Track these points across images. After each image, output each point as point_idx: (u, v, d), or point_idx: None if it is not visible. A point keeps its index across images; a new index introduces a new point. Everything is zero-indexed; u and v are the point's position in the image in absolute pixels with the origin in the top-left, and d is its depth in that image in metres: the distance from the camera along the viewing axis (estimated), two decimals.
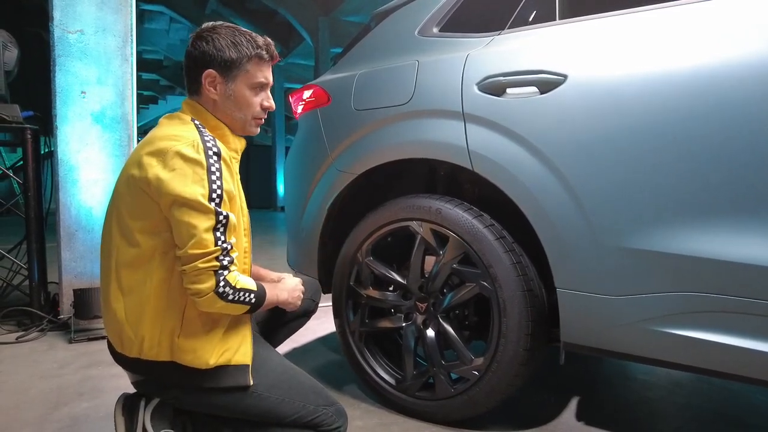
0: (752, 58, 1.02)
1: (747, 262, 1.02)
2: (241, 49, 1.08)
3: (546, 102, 1.25)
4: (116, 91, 2.52)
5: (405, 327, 1.54)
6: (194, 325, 1.03)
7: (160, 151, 0.98)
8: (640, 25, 1.19)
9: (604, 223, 1.17)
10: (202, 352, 1.03)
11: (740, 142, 1.02)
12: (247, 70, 1.09)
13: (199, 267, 0.96)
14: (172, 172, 0.96)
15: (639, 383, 1.85)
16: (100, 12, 2.47)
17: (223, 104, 1.10)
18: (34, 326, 2.40)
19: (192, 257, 0.96)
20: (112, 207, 1.06)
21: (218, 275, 0.98)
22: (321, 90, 1.78)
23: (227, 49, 1.07)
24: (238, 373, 1.07)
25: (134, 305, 1.02)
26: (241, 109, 1.12)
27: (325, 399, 1.16)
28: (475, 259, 1.37)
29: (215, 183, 0.99)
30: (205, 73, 1.08)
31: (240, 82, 1.10)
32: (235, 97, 1.10)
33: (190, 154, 0.97)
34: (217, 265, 0.98)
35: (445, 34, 1.57)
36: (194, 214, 0.96)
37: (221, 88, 1.09)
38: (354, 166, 1.62)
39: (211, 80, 1.08)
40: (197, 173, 0.97)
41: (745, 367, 1.06)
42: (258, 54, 1.09)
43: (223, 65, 1.08)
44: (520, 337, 1.32)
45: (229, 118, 1.12)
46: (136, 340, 1.02)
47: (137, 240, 1.01)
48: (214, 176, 0.99)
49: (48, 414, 1.56)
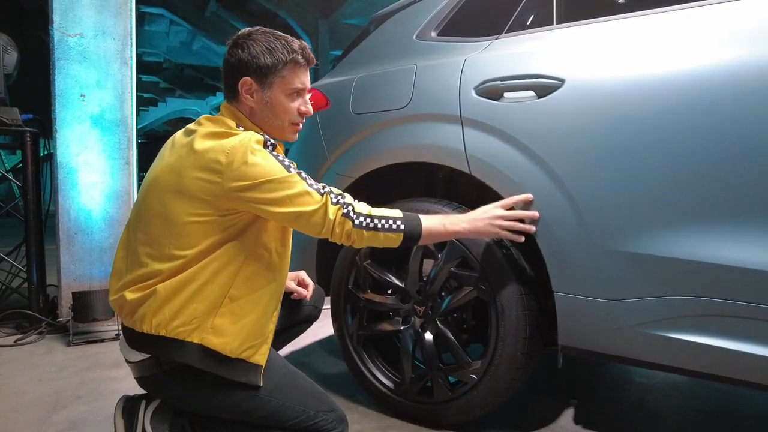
0: (749, 62, 1.02)
1: (744, 266, 1.02)
2: (276, 54, 1.08)
3: (543, 106, 1.25)
4: (115, 94, 2.53)
5: (403, 330, 1.55)
6: (233, 310, 1.05)
7: (224, 148, 1.00)
8: (636, 30, 1.20)
9: (601, 226, 1.18)
10: (231, 338, 1.04)
11: (738, 145, 1.02)
12: (284, 75, 1.09)
13: (330, 221, 1.05)
14: (245, 166, 0.99)
15: (637, 386, 1.85)
16: (100, 16, 2.48)
17: (260, 111, 1.11)
18: (32, 329, 2.40)
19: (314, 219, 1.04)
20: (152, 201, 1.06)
21: (346, 215, 1.06)
22: (319, 93, 1.78)
23: (262, 56, 1.07)
24: (251, 371, 1.08)
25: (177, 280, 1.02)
26: (278, 116, 1.12)
27: (326, 404, 1.16)
28: (473, 263, 1.38)
29: (284, 161, 1.05)
30: (242, 80, 1.09)
31: (276, 89, 1.10)
32: (272, 104, 1.11)
33: (252, 145, 1.01)
34: (336, 208, 1.05)
35: (443, 39, 1.57)
36: (286, 188, 1.02)
37: (258, 96, 1.10)
38: (352, 170, 1.62)
39: (248, 88, 1.09)
40: (264, 159, 1.02)
41: (742, 371, 1.06)
42: (293, 59, 1.09)
43: (259, 72, 1.08)
44: (518, 341, 1.32)
45: (266, 125, 1.13)
46: (168, 314, 1.01)
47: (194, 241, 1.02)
48: (278, 158, 1.04)
49: (46, 417, 1.56)
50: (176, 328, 1.01)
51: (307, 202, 1.03)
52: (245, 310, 1.07)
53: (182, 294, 1.01)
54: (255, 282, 1.09)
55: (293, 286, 1.41)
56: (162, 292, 1.01)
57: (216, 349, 1.03)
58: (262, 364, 1.10)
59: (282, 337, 1.41)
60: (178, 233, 1.02)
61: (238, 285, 1.06)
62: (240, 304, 1.06)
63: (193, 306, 1.02)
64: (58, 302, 2.49)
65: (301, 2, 11.07)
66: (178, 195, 1.02)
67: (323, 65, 11.20)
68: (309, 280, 1.46)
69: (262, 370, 1.10)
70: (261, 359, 1.09)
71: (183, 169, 1.03)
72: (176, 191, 1.02)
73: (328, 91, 1.76)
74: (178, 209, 1.02)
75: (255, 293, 1.08)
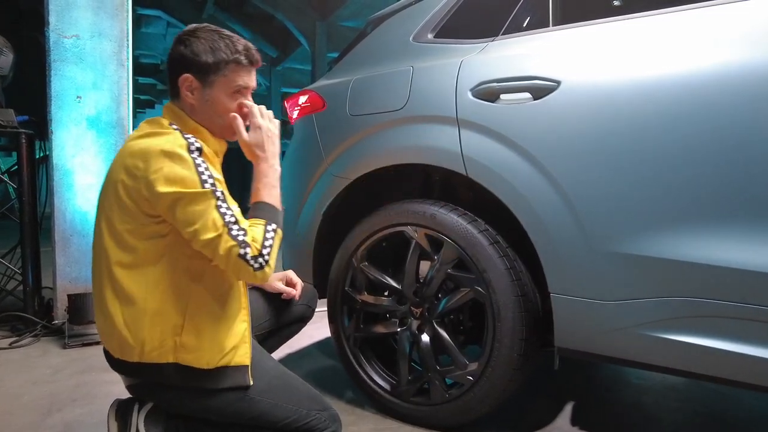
0: (745, 64, 1.03)
1: (740, 267, 1.03)
2: (218, 53, 1.05)
3: (539, 108, 1.25)
4: (112, 96, 2.52)
5: (400, 332, 1.54)
6: (196, 322, 1.03)
7: (144, 153, 0.97)
8: (633, 32, 1.20)
9: (597, 228, 1.18)
10: (203, 352, 1.03)
11: (733, 147, 1.03)
12: (225, 75, 1.07)
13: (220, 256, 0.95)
14: (160, 172, 0.95)
15: (633, 388, 1.86)
16: (96, 17, 2.47)
17: (200, 109, 1.09)
18: (27, 331, 2.39)
19: (206, 244, 0.95)
20: (100, 213, 1.06)
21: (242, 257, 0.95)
22: (316, 95, 1.79)
23: (204, 54, 1.05)
24: (237, 374, 1.07)
25: (133, 309, 1.01)
26: (219, 115, 1.09)
27: (318, 404, 1.16)
28: (469, 264, 1.38)
29: (204, 173, 0.97)
30: (182, 77, 1.06)
31: (218, 88, 1.07)
32: (212, 102, 1.08)
33: (173, 150, 0.96)
34: (230, 246, 0.95)
35: (439, 41, 1.58)
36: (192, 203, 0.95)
37: (198, 93, 1.07)
38: (349, 172, 1.62)
39: (189, 85, 1.07)
40: (181, 167, 0.96)
41: (738, 372, 1.06)
42: (236, 59, 1.07)
43: (200, 70, 1.05)
44: (515, 342, 1.32)
45: (208, 122, 1.10)
46: (136, 344, 1.01)
47: (132, 245, 1.00)
48: (200, 167, 0.98)
49: (41, 420, 1.55)
50: (149, 353, 1.01)
51: (205, 227, 0.95)
52: (206, 323, 1.04)
53: (142, 322, 1.00)
54: (207, 294, 1.05)
55: (281, 286, 1.40)
56: (121, 322, 1.01)
57: (192, 365, 1.02)
58: (247, 363, 1.08)
59: (275, 338, 1.41)
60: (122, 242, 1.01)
61: (191, 301, 1.03)
62: (200, 318, 1.03)
63: (157, 330, 1.01)
64: (53, 305, 2.48)
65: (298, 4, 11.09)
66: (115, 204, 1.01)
67: (320, 67, 11.22)
68: (297, 279, 1.45)
69: (248, 369, 1.08)
70: (243, 359, 1.08)
71: (114, 174, 1.02)
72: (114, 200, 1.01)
73: (325, 93, 1.77)
74: (114, 217, 1.01)
75: (211, 304, 1.05)
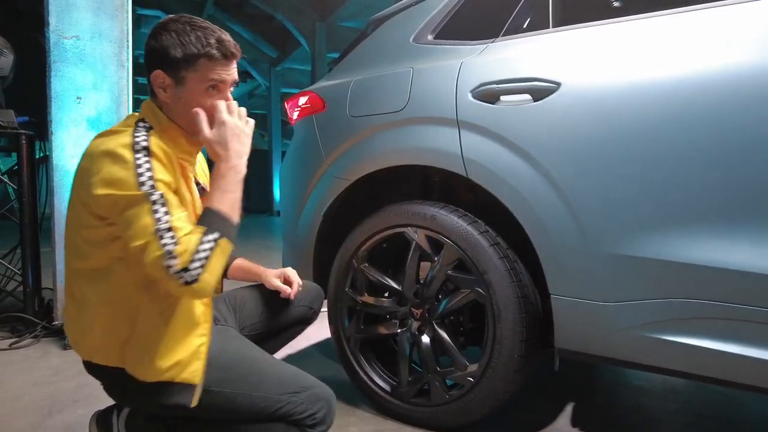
0: (745, 66, 1.03)
1: (740, 269, 1.03)
2: (188, 47, 0.97)
3: (539, 109, 1.25)
4: (112, 97, 2.52)
5: (400, 333, 1.54)
6: (143, 334, 0.98)
7: (90, 154, 0.93)
8: (632, 33, 1.20)
9: (597, 229, 1.18)
10: (144, 366, 0.98)
11: (732, 148, 1.03)
12: (197, 70, 0.98)
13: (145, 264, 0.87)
14: (99, 174, 0.90)
15: (634, 389, 1.86)
16: (96, 18, 2.47)
17: (174, 107, 1.01)
18: (27, 332, 2.38)
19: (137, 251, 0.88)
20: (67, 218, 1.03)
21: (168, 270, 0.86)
22: (317, 96, 1.79)
23: (173, 48, 0.97)
24: (182, 392, 1.00)
25: (86, 314, 0.99)
26: (191, 112, 1.00)
27: (292, 386, 1.05)
28: (469, 266, 1.38)
29: (143, 174, 0.90)
30: (153, 74, 1.00)
31: (190, 84, 0.99)
32: (185, 99, 1.00)
33: (114, 150, 0.90)
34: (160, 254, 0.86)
35: (439, 42, 1.58)
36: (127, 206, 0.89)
37: (171, 91, 1.00)
38: (349, 173, 1.62)
39: (161, 82, 1.00)
40: (120, 168, 0.89)
41: (739, 374, 1.06)
42: (207, 53, 0.97)
43: (170, 66, 0.98)
44: (515, 344, 1.32)
45: (184, 121, 1.03)
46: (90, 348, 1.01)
47: (85, 251, 0.98)
48: (140, 169, 0.90)
49: (42, 421, 1.55)
50: (102, 358, 1.01)
51: (136, 233, 0.88)
52: (152, 335, 0.98)
53: (92, 330, 0.99)
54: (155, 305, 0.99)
55: (277, 283, 1.34)
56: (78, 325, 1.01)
57: (135, 375, 0.99)
58: (194, 382, 1.00)
59: (271, 341, 1.38)
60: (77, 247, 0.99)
61: (140, 311, 0.98)
62: (147, 330, 0.98)
63: (107, 337, 0.99)
64: (53, 305, 2.47)
65: (298, 4, 11.08)
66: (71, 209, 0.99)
67: (320, 67, 11.22)
68: (295, 277, 1.38)
69: (196, 388, 1.00)
70: (191, 377, 1.00)
71: (74, 177, 0.99)
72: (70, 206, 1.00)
73: (325, 94, 1.77)
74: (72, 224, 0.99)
75: (159, 316, 0.99)
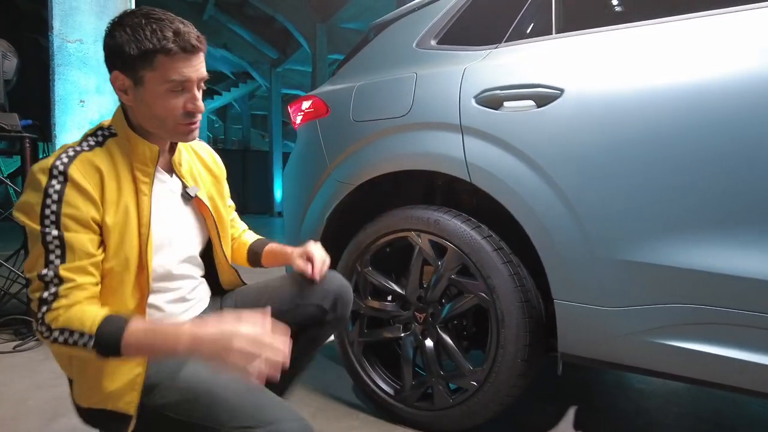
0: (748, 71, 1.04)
1: (742, 274, 1.03)
2: (143, 43, 0.86)
3: (543, 116, 1.26)
4: (114, 100, 2.53)
5: (404, 337, 1.55)
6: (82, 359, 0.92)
7: None
8: (636, 40, 1.21)
9: (600, 235, 1.18)
10: (81, 390, 0.94)
11: (735, 154, 1.04)
12: (154, 68, 0.88)
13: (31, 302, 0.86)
14: (21, 195, 0.88)
15: (636, 392, 1.86)
16: (100, 21, 2.49)
17: (138, 110, 0.93)
18: (31, 335, 2.39)
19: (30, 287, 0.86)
20: None
21: (39, 312, 0.84)
22: (320, 101, 1.80)
23: (127, 45, 0.87)
24: (116, 421, 0.93)
25: None
26: (158, 117, 0.92)
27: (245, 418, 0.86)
28: (473, 270, 1.39)
29: (48, 207, 0.85)
30: (112, 76, 0.91)
31: (150, 85, 0.90)
32: (148, 102, 0.91)
33: (34, 174, 0.87)
34: (36, 297, 0.85)
35: (442, 47, 1.58)
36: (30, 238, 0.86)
37: (132, 93, 0.92)
38: (353, 177, 1.63)
39: (120, 84, 0.91)
40: (34, 194, 0.86)
41: (740, 378, 1.07)
42: (164, 48, 0.87)
43: (127, 65, 0.89)
44: (518, 348, 1.33)
45: (151, 125, 0.95)
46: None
47: None
48: (49, 199, 0.85)
49: (46, 425, 1.55)
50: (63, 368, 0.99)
51: (28, 264, 0.87)
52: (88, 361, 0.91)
53: None
54: None
55: (300, 264, 1.14)
56: None
57: (74, 398, 0.96)
58: (129, 412, 0.92)
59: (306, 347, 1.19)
60: None
61: None
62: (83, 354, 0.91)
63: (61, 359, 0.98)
64: None
65: (298, 6, 11.10)
66: None
67: (321, 69, 11.24)
68: (317, 252, 1.15)
69: (130, 420, 0.92)
70: (126, 407, 0.92)
71: None
72: None
73: (329, 99, 1.77)
74: None
75: None
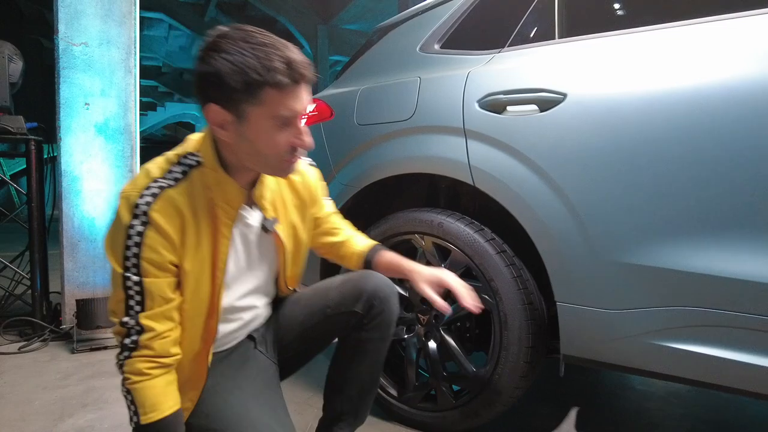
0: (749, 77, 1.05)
1: (744, 277, 1.04)
2: (248, 74, 0.77)
3: (546, 120, 1.27)
4: (119, 103, 2.55)
5: (407, 339, 1.56)
6: None
7: None
8: (638, 44, 1.22)
9: (602, 238, 1.20)
10: None
11: (737, 159, 1.05)
12: (262, 102, 0.79)
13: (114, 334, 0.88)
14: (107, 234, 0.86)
15: (637, 394, 1.87)
16: (105, 25, 2.50)
17: (237, 147, 0.85)
18: (36, 336, 2.41)
19: None
20: None
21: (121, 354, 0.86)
22: (324, 104, 1.81)
23: (228, 76, 0.77)
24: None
25: None
26: (261, 153, 0.85)
27: None
28: (476, 273, 1.40)
29: (131, 248, 0.82)
30: (207, 109, 0.82)
31: (254, 120, 0.81)
32: (251, 139, 0.83)
33: (119, 206, 0.84)
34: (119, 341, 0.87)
35: (446, 51, 1.60)
36: (113, 277, 0.86)
37: (232, 129, 0.83)
38: (356, 181, 1.64)
39: (219, 120, 0.82)
40: (119, 233, 0.83)
41: (742, 381, 1.08)
42: (274, 80, 0.78)
43: (227, 98, 0.80)
44: (521, 350, 1.34)
45: (250, 161, 0.87)
46: None
47: None
48: (131, 241, 0.82)
49: (53, 426, 1.57)
50: None
51: (111, 305, 0.87)
52: None
53: None
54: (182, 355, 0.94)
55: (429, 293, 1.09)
56: None
57: None
58: None
59: None
60: None
61: None
62: None
63: None
64: (61, 309, 2.50)
65: (300, 7, 11.13)
66: None
67: (323, 70, 11.26)
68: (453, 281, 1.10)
69: None
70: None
71: None
72: None
73: (333, 102, 1.79)
74: None
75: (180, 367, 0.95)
